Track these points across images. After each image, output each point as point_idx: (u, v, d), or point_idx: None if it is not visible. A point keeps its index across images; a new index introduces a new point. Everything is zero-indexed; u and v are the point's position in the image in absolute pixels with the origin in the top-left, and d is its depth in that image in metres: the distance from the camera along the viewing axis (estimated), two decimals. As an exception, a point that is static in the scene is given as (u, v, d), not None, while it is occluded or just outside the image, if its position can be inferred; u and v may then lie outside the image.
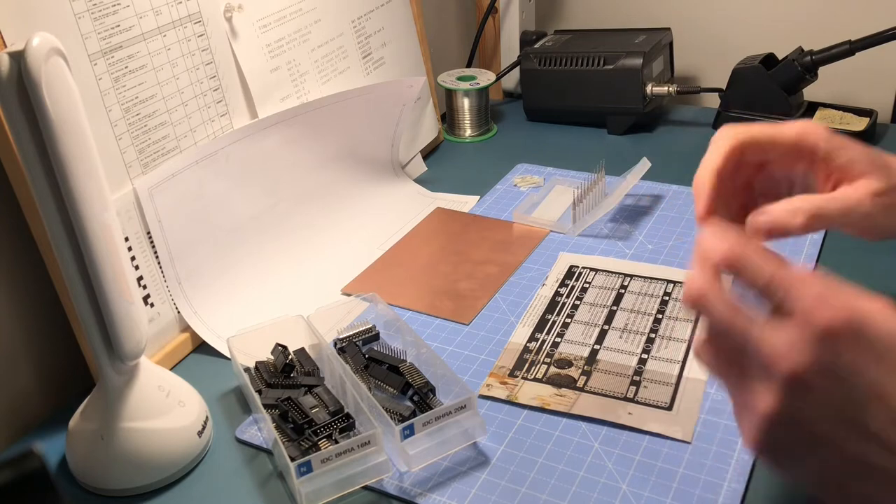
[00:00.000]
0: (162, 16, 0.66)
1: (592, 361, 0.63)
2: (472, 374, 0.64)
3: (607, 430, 0.57)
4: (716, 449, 0.55)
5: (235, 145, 0.71)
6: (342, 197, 0.85)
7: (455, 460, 0.56)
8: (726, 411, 0.58)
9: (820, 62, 0.92)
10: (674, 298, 0.70)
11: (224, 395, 0.64)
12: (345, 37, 0.87)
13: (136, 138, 0.64)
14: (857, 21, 1.00)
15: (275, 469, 0.57)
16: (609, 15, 1.21)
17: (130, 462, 0.55)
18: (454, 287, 0.74)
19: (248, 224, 0.75)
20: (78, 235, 0.49)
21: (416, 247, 0.81)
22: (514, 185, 0.92)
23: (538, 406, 0.60)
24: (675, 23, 1.11)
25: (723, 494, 0.51)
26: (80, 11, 0.59)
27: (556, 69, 1.03)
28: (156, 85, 0.66)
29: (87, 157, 0.48)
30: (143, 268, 0.65)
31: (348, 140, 0.84)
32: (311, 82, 0.82)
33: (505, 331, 0.68)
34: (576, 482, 0.53)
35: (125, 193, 0.64)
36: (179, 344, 0.68)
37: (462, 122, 1.05)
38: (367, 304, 0.70)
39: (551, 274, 0.75)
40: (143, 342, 0.54)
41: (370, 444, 0.53)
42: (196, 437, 0.57)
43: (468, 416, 0.55)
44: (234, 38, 0.73)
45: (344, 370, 0.59)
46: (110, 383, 0.54)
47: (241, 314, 0.70)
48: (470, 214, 0.86)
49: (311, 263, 0.79)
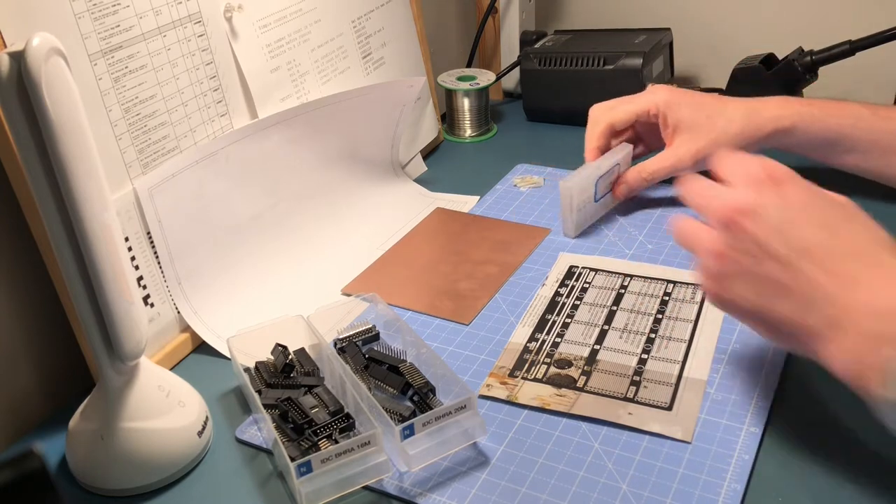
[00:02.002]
0: (162, 16, 0.66)
1: (592, 361, 0.63)
2: (472, 374, 0.64)
3: (607, 430, 0.57)
4: (716, 449, 0.55)
5: (235, 145, 0.71)
6: (342, 197, 0.85)
7: (455, 460, 0.56)
8: (726, 411, 0.58)
9: (820, 62, 0.92)
10: (674, 298, 0.70)
11: (224, 395, 0.64)
12: (345, 37, 0.87)
13: (136, 138, 0.64)
14: (857, 21, 1.00)
15: (275, 469, 0.57)
16: (609, 15, 1.21)
17: (130, 462, 0.55)
18: (454, 287, 0.74)
19: (248, 224, 0.75)
20: (78, 235, 0.49)
21: (416, 247, 0.81)
22: (514, 185, 0.92)
23: (538, 406, 0.60)
24: (675, 23, 1.11)
25: (723, 494, 0.51)
26: (80, 11, 0.59)
27: (556, 69, 1.03)
28: (156, 85, 0.66)
29: (87, 157, 0.48)
30: (143, 268, 0.65)
31: (348, 140, 0.84)
32: (311, 82, 0.82)
33: (505, 331, 0.68)
34: (576, 482, 0.53)
35: (125, 193, 0.64)
36: (179, 344, 0.68)
37: (462, 122, 1.05)
38: (367, 304, 0.70)
39: (551, 274, 0.75)
40: (143, 342, 0.54)
41: (370, 444, 0.53)
42: (196, 437, 0.57)
43: (468, 416, 0.55)
44: (234, 38, 0.73)
45: (344, 370, 0.59)
46: (110, 383, 0.54)
47: (241, 314, 0.70)
48: (470, 214, 0.86)
49: (311, 263, 0.79)
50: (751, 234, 0.49)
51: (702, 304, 0.69)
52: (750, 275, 0.50)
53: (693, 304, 0.69)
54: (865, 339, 0.45)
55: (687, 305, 0.69)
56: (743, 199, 0.50)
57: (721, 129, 0.77)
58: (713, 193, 0.52)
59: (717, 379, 0.61)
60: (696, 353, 0.63)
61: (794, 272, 0.48)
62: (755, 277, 0.50)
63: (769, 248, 0.49)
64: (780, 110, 0.77)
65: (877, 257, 0.47)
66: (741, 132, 0.76)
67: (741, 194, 0.51)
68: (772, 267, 0.49)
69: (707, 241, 0.52)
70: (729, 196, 0.51)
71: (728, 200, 0.51)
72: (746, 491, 0.52)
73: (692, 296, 0.70)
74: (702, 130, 0.77)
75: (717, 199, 0.52)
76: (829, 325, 0.47)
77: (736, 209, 0.50)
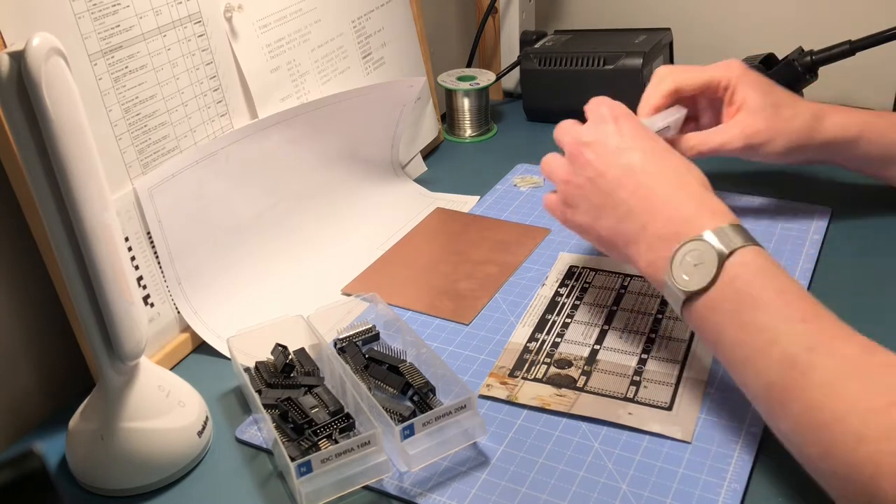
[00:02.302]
0: (162, 16, 0.66)
1: (592, 361, 0.63)
2: (472, 374, 0.64)
3: (607, 430, 0.57)
4: (716, 449, 0.55)
5: (235, 145, 0.71)
6: (342, 197, 0.85)
7: (455, 460, 0.56)
8: (726, 411, 0.58)
9: (820, 62, 0.92)
10: (674, 298, 0.70)
11: (224, 395, 0.64)
12: (345, 37, 0.87)
13: (136, 138, 0.64)
14: (857, 21, 1.00)
15: (275, 469, 0.57)
16: (609, 15, 1.21)
17: (130, 462, 0.55)
18: (454, 287, 0.74)
19: (248, 224, 0.75)
20: (78, 235, 0.49)
21: (416, 247, 0.81)
22: (514, 185, 0.92)
23: (538, 406, 0.60)
24: (675, 23, 1.11)
25: (723, 494, 0.51)
26: (80, 11, 0.59)
27: (556, 69, 1.03)
28: (156, 85, 0.66)
29: (87, 157, 0.48)
30: (143, 268, 0.65)
31: (348, 140, 0.85)
32: (312, 82, 0.82)
33: (505, 331, 0.68)
34: (576, 482, 0.53)
35: (125, 193, 0.64)
36: (179, 344, 0.68)
37: (462, 122, 1.05)
38: (367, 304, 0.70)
39: (551, 274, 0.75)
40: (143, 342, 0.54)
41: (370, 444, 0.53)
42: (196, 437, 0.57)
43: (468, 416, 0.55)
44: (234, 38, 0.73)
45: (344, 370, 0.59)
46: (110, 383, 0.54)
47: (241, 314, 0.70)
48: (470, 214, 0.86)
49: (311, 263, 0.79)
50: (589, 161, 0.61)
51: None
52: (586, 199, 0.62)
53: (693, 304, 0.69)
54: (660, 238, 0.56)
55: (687, 305, 0.69)
56: (587, 133, 0.62)
57: (784, 120, 0.73)
58: (571, 130, 0.64)
59: (716, 379, 0.61)
60: (696, 353, 0.63)
61: (617, 192, 0.59)
62: (589, 200, 0.61)
63: (602, 170, 0.60)
64: (847, 118, 0.74)
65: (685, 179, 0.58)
66: (802, 130, 0.73)
67: (586, 129, 0.63)
68: (603, 187, 0.60)
69: (558, 169, 0.64)
70: (578, 131, 0.63)
71: (575, 135, 0.63)
72: (746, 491, 0.52)
73: (692, 296, 0.70)
74: (764, 116, 0.73)
75: (568, 134, 0.64)
76: (637, 231, 0.58)
77: (581, 142, 0.62)
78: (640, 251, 0.58)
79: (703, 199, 0.57)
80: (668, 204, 0.57)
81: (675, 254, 0.55)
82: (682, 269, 0.54)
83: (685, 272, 0.54)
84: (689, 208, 0.56)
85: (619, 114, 0.63)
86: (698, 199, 0.57)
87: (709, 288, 0.52)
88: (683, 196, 0.57)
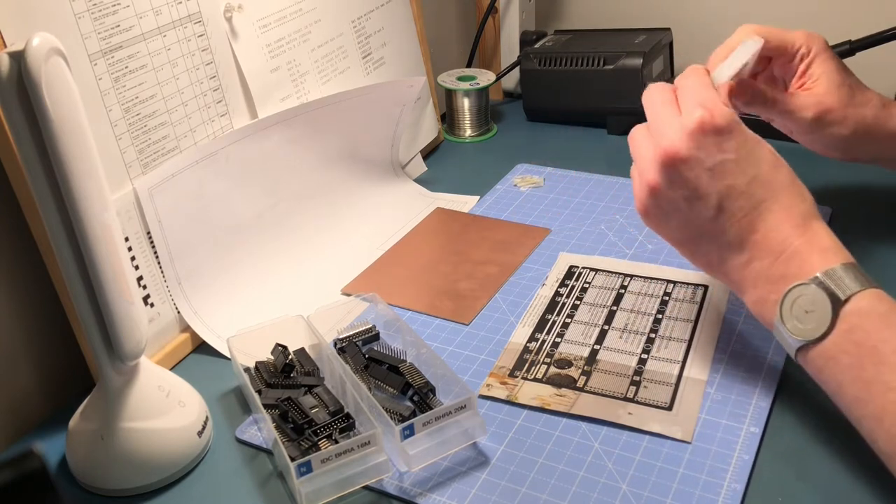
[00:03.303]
0: (162, 16, 0.66)
1: (592, 361, 0.63)
2: (472, 374, 0.64)
3: (607, 430, 0.57)
4: (716, 449, 0.55)
5: (235, 145, 0.71)
6: (342, 197, 0.85)
7: (455, 460, 0.56)
8: (726, 411, 0.58)
9: (820, 62, 0.92)
10: (674, 298, 0.70)
11: (224, 395, 0.64)
12: (345, 37, 0.87)
13: (136, 138, 0.64)
14: (857, 21, 1.00)
15: (275, 469, 0.57)
16: (609, 15, 1.21)
17: (130, 462, 0.55)
18: (454, 287, 0.74)
19: (248, 224, 0.75)
20: (78, 235, 0.49)
21: (416, 247, 0.81)
22: (514, 185, 0.92)
23: (538, 406, 0.60)
24: (675, 23, 1.11)
25: (723, 494, 0.51)
26: (80, 11, 0.59)
27: (556, 69, 1.03)
28: (156, 85, 0.66)
29: (87, 157, 0.48)
30: (143, 268, 0.65)
31: (348, 140, 0.85)
32: (311, 82, 0.82)
33: (505, 331, 0.68)
34: (576, 482, 0.53)
35: (125, 193, 0.64)
36: (179, 344, 0.68)
37: (462, 122, 1.05)
38: (367, 304, 0.70)
39: (551, 274, 0.75)
40: (143, 342, 0.54)
41: (370, 444, 0.53)
42: (196, 437, 0.57)
43: (468, 416, 0.55)
44: (234, 38, 0.73)
45: (344, 370, 0.59)
46: (110, 383, 0.54)
47: (241, 314, 0.70)
48: (470, 214, 0.86)
49: (311, 263, 0.79)
50: (687, 181, 0.54)
51: (702, 304, 0.69)
52: (681, 215, 0.55)
53: (693, 304, 0.69)
54: (767, 279, 0.53)
55: (687, 305, 0.69)
56: (684, 146, 0.54)
57: (857, 105, 0.69)
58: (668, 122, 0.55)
59: (717, 379, 0.61)
60: (696, 353, 0.63)
61: (719, 220, 0.54)
62: (685, 218, 0.55)
63: (702, 193, 0.54)
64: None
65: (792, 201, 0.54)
66: (872, 117, 0.69)
67: (684, 141, 0.54)
68: (700, 210, 0.54)
69: (647, 167, 0.56)
70: (674, 135, 0.54)
71: (668, 144, 0.54)
72: (746, 491, 0.52)
73: (692, 296, 0.70)
74: (839, 95, 0.68)
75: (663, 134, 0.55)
76: (741, 266, 0.54)
77: (675, 156, 0.54)
78: (745, 288, 0.55)
79: (812, 230, 0.53)
80: (775, 237, 0.53)
81: (784, 297, 0.51)
82: (793, 315, 0.51)
83: (797, 318, 0.50)
84: (798, 243, 0.52)
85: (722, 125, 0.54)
86: (807, 231, 0.53)
87: (824, 338, 0.49)
88: (790, 228, 0.53)
